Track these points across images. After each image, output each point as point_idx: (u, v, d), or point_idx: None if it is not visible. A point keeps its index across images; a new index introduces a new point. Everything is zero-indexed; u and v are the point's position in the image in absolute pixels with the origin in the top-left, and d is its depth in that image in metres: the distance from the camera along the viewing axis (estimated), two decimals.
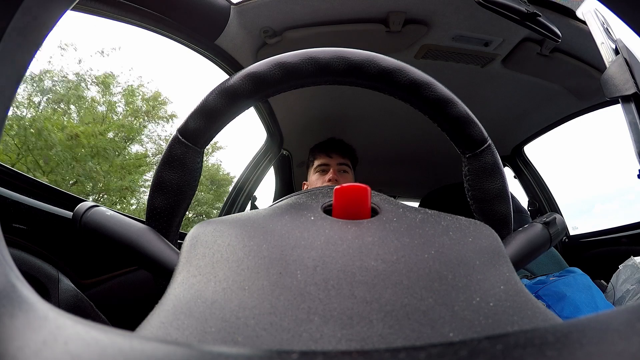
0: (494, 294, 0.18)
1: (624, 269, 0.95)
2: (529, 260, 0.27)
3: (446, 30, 0.97)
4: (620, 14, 0.17)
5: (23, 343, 0.09)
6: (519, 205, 1.28)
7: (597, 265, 1.19)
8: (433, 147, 1.48)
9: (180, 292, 0.17)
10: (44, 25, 0.14)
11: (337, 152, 1.08)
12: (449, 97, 0.28)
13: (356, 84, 0.29)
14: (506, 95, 1.24)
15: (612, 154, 27.78)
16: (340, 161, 1.07)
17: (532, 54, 1.03)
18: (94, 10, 0.70)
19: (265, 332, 0.14)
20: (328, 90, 1.18)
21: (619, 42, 0.68)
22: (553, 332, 0.08)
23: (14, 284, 0.11)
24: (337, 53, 0.28)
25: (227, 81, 0.27)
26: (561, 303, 0.75)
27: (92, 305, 0.61)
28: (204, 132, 0.27)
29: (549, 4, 0.91)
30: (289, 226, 0.21)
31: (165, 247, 0.24)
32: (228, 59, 0.97)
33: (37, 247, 0.56)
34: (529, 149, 1.55)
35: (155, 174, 0.27)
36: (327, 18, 0.93)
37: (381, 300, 0.16)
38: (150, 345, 0.09)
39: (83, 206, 0.26)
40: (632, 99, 0.61)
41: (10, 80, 0.14)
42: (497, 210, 0.29)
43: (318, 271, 0.18)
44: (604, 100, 1.10)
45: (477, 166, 0.29)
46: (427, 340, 0.15)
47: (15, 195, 0.55)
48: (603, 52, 0.69)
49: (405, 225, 0.22)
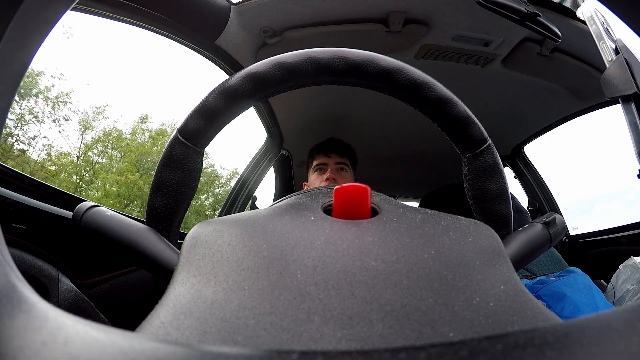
0: (494, 294, 0.18)
1: (624, 269, 0.95)
2: (529, 260, 0.27)
3: (446, 30, 0.97)
4: (620, 14, 0.17)
5: (23, 343, 0.09)
6: (519, 205, 1.28)
7: (597, 265, 1.19)
8: (433, 147, 1.48)
9: (180, 292, 0.17)
10: (44, 25, 0.14)
11: (335, 151, 1.08)
12: (449, 97, 0.28)
13: (356, 84, 0.29)
14: (506, 95, 1.24)
15: (612, 154, 27.76)
16: (339, 160, 1.07)
17: (532, 54, 1.03)
18: (94, 10, 0.70)
19: (265, 332, 0.14)
20: (328, 90, 1.18)
21: (619, 42, 0.68)
22: (553, 332, 0.08)
23: (14, 284, 0.11)
24: (337, 53, 0.28)
25: (227, 81, 0.27)
26: (561, 303, 0.75)
27: (92, 305, 0.61)
28: (204, 132, 0.27)
29: (549, 4, 0.91)
30: (289, 226, 0.21)
31: (165, 247, 0.24)
32: (228, 59, 0.97)
33: (37, 247, 0.56)
34: (529, 149, 1.55)
35: (155, 174, 0.27)
36: (327, 18, 0.93)
37: (381, 300, 0.16)
38: (150, 345, 0.09)
39: (83, 206, 0.26)
40: (632, 99, 0.61)
41: (10, 80, 0.14)
42: (497, 210, 0.29)
43: (318, 271, 0.18)
44: (604, 100, 1.10)
45: (477, 166, 0.29)
46: (427, 340, 0.15)
47: (15, 195, 0.55)
48: (603, 52, 0.69)
49: (405, 225, 0.22)
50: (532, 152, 1.56)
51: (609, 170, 28.80)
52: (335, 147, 1.09)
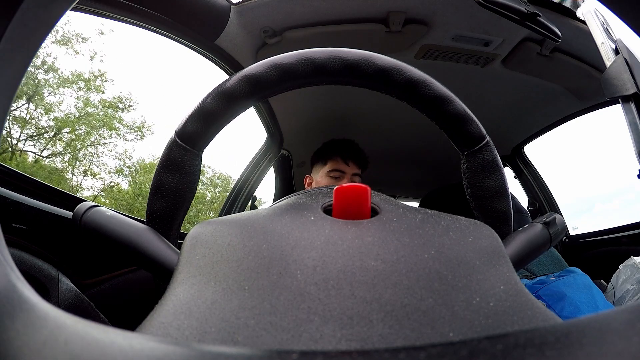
0: (494, 294, 0.18)
1: (624, 269, 0.95)
2: (529, 260, 0.27)
3: (446, 30, 0.97)
4: (620, 14, 0.17)
5: (23, 343, 0.09)
6: (519, 205, 1.28)
7: (597, 265, 1.19)
8: (433, 147, 1.48)
9: (180, 292, 0.17)
10: (44, 25, 0.14)
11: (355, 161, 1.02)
12: (446, 95, 0.28)
13: (353, 83, 0.29)
14: (506, 95, 1.24)
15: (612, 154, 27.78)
16: (356, 172, 1.01)
17: (532, 54, 1.03)
18: (94, 10, 0.70)
19: (265, 332, 0.14)
20: (328, 90, 1.18)
21: (619, 42, 0.68)
22: (553, 332, 0.08)
23: (14, 284, 0.11)
24: (332, 53, 0.28)
25: (224, 83, 0.27)
26: (561, 303, 0.75)
27: (92, 305, 0.61)
28: (202, 135, 0.27)
29: (549, 4, 0.91)
30: (289, 226, 0.21)
31: (165, 247, 0.24)
32: (228, 59, 0.97)
33: (37, 247, 0.56)
34: (529, 149, 1.55)
35: (154, 177, 0.27)
36: (327, 18, 0.93)
37: (381, 300, 0.16)
38: (150, 345, 0.09)
39: (83, 206, 0.26)
40: (632, 99, 0.61)
41: (10, 80, 0.14)
42: (497, 207, 0.29)
43: (318, 271, 0.18)
44: (604, 100, 1.10)
45: (476, 163, 0.29)
46: (427, 340, 0.15)
47: (15, 195, 0.55)
48: (603, 52, 0.69)
49: (405, 226, 0.22)
50: (532, 152, 1.56)
51: (609, 170, 28.84)
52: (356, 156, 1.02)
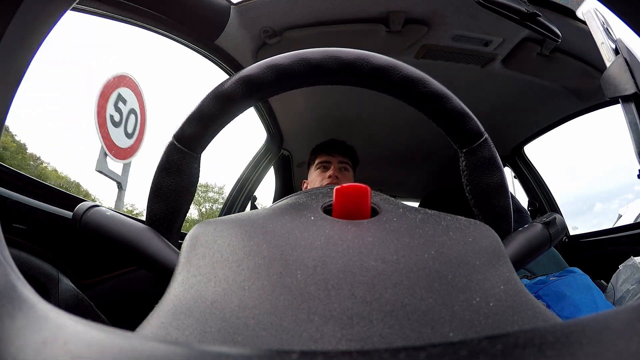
0: (494, 294, 0.18)
1: (624, 269, 0.95)
2: (529, 260, 0.27)
3: (446, 30, 0.97)
4: (620, 14, 0.17)
5: (23, 343, 0.09)
6: (519, 205, 1.28)
7: (597, 265, 1.19)
8: (433, 147, 1.48)
9: (180, 292, 0.17)
10: (44, 25, 0.14)
11: (338, 151, 1.10)
12: (443, 92, 0.28)
13: (349, 83, 0.29)
14: (506, 95, 1.24)
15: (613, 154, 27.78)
16: (341, 159, 1.09)
17: (532, 54, 1.03)
18: (94, 10, 0.70)
19: (265, 332, 0.14)
20: (328, 91, 1.18)
21: (619, 42, 0.68)
22: (553, 332, 0.08)
23: (14, 284, 0.11)
24: (328, 53, 0.28)
25: (221, 86, 0.27)
26: (561, 303, 0.75)
27: (92, 305, 0.61)
28: (200, 138, 0.27)
29: (549, 4, 0.91)
30: (289, 226, 0.21)
31: (165, 247, 0.24)
32: (228, 59, 0.97)
33: (37, 247, 0.56)
34: (529, 149, 1.55)
35: (153, 180, 0.27)
36: (327, 18, 0.93)
37: (381, 300, 0.16)
38: (150, 345, 0.09)
39: (83, 206, 0.26)
40: (632, 99, 0.61)
41: (10, 81, 0.14)
42: (497, 204, 0.29)
43: (318, 271, 0.18)
44: (604, 100, 1.10)
45: (474, 160, 0.29)
46: (427, 340, 0.15)
47: (15, 195, 0.55)
48: (603, 52, 0.69)
49: (406, 226, 0.22)
50: (532, 152, 1.56)
51: (609, 170, 28.85)
52: (338, 147, 1.11)
